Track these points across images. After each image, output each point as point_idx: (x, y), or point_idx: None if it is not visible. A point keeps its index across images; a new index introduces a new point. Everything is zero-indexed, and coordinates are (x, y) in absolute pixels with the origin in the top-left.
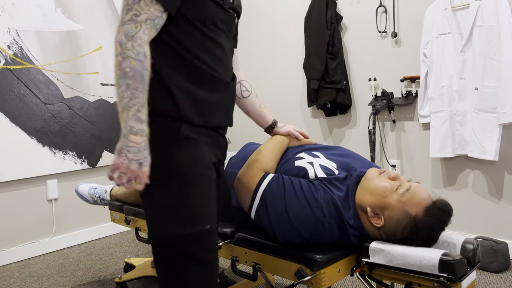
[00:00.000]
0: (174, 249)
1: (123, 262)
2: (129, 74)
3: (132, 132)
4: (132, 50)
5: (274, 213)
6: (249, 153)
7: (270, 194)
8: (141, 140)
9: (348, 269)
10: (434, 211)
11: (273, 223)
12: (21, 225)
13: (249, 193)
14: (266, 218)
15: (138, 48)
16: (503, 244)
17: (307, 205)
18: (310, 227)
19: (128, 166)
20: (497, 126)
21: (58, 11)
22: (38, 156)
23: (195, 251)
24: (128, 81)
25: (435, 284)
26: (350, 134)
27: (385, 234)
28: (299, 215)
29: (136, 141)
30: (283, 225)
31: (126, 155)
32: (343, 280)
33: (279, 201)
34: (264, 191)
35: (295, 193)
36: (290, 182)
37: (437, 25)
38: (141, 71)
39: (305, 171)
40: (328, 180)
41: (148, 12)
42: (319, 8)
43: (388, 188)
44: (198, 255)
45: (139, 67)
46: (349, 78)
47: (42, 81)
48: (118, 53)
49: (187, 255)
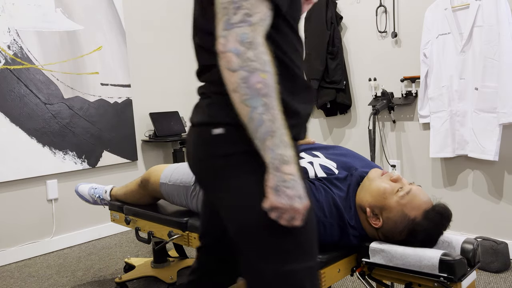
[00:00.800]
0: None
1: (123, 262)
2: (263, 91)
3: (284, 162)
4: (258, 60)
5: None
6: None
7: None
8: (294, 169)
9: (348, 269)
10: (433, 215)
11: None
12: (21, 225)
13: None
14: None
15: (263, 57)
16: (503, 244)
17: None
18: None
19: (292, 206)
20: (497, 126)
21: (58, 11)
22: (38, 156)
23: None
24: (264, 100)
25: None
26: (350, 134)
27: (383, 235)
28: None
29: (291, 172)
30: None
31: (285, 193)
32: (343, 280)
33: None
34: None
35: None
36: None
37: (437, 25)
38: (273, 85)
39: (305, 171)
40: (329, 180)
41: (261, 10)
42: (319, 8)
43: (389, 189)
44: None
45: (270, 81)
46: (349, 78)
47: (42, 81)
48: (237, 66)
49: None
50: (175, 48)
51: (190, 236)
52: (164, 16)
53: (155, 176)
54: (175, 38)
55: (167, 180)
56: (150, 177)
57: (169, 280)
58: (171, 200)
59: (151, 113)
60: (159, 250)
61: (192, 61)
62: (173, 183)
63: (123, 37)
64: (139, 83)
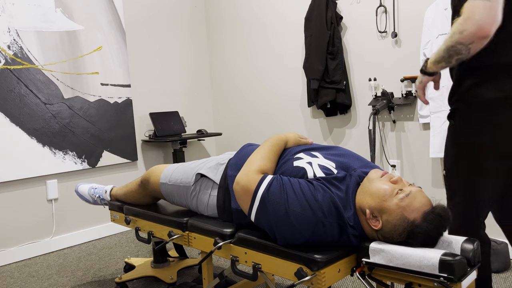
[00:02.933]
0: None
1: (123, 262)
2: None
3: None
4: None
5: (274, 215)
6: (248, 154)
7: (269, 196)
8: None
9: (348, 269)
10: (432, 217)
11: (273, 224)
12: (21, 225)
13: (248, 196)
14: (267, 220)
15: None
16: (503, 244)
17: (307, 206)
18: (311, 227)
19: None
20: None
21: (58, 11)
22: (38, 156)
23: None
24: None
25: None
26: (350, 134)
27: (383, 237)
28: (300, 216)
29: None
30: (284, 226)
31: None
32: (343, 280)
33: (279, 203)
34: (264, 193)
35: (295, 194)
36: (289, 183)
37: (437, 25)
38: None
39: (304, 171)
40: (327, 179)
41: None
42: (319, 8)
43: (388, 191)
44: None
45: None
46: (349, 78)
47: (42, 81)
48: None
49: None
50: (175, 48)
51: (190, 236)
52: (164, 16)
53: (155, 176)
54: (175, 38)
55: (167, 180)
56: (150, 177)
57: (169, 280)
58: (171, 200)
59: (151, 113)
60: (159, 250)
61: (192, 61)
62: (173, 183)
63: (123, 37)
64: (139, 83)
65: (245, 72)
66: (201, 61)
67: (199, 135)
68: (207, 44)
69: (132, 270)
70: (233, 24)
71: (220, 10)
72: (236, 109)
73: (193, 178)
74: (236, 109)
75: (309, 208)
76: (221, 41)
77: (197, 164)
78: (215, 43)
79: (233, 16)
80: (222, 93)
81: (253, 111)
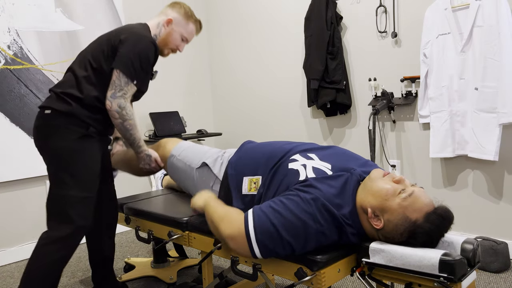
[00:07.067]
0: None
1: (123, 262)
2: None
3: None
4: (127, 115)
5: (280, 247)
6: (248, 152)
7: (262, 235)
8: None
9: (348, 269)
10: (434, 218)
11: (283, 252)
12: (21, 225)
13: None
14: (275, 253)
15: (128, 113)
16: (503, 244)
17: (302, 223)
18: (314, 239)
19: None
20: (497, 126)
21: (58, 11)
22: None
23: None
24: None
25: (435, 284)
26: (350, 134)
27: (384, 237)
28: (301, 235)
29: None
30: (292, 248)
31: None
32: (343, 280)
33: (276, 237)
34: (256, 236)
35: (286, 219)
36: (273, 211)
37: (437, 25)
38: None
39: (298, 174)
40: (318, 179)
41: (131, 91)
42: (319, 8)
43: (391, 191)
44: None
45: (133, 122)
46: (349, 78)
47: (42, 81)
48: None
49: None
50: None
51: (190, 236)
52: None
53: (170, 145)
54: None
55: (178, 153)
56: (166, 144)
57: (169, 280)
58: (172, 174)
59: (151, 113)
60: (159, 250)
61: (192, 61)
62: (181, 159)
63: None
64: None
65: (245, 72)
66: (201, 61)
67: (199, 135)
68: (207, 44)
69: (132, 270)
70: (233, 24)
71: (220, 10)
72: (236, 109)
73: (200, 163)
74: (236, 109)
75: (306, 224)
76: (221, 41)
77: (205, 150)
78: (215, 43)
79: (233, 16)
80: (222, 93)
81: (253, 111)
